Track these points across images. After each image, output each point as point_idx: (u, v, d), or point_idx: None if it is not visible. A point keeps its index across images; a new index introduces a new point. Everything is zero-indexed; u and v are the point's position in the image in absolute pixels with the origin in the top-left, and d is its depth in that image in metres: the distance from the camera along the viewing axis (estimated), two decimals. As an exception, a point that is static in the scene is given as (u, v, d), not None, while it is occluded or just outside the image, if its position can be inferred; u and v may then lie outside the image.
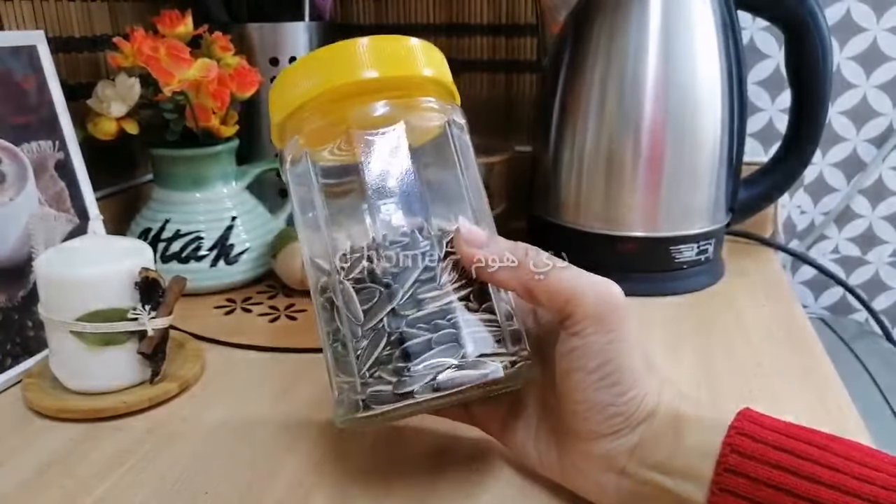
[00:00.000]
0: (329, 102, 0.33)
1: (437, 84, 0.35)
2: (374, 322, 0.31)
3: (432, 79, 0.35)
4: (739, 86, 0.59)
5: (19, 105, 0.51)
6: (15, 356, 0.47)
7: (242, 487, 0.36)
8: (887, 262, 0.81)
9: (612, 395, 0.30)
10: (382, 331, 0.31)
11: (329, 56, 0.33)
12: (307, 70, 0.34)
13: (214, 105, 0.57)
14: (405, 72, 0.34)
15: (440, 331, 0.30)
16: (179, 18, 0.59)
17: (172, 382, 0.45)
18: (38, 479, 0.37)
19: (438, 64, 0.35)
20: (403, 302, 0.31)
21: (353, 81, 0.33)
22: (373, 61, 0.33)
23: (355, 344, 0.31)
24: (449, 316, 0.31)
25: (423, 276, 0.31)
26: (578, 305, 0.30)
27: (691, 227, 0.59)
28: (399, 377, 0.30)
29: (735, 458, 0.27)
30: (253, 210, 0.63)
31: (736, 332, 0.53)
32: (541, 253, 0.31)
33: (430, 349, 0.30)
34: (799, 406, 0.43)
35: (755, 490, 0.26)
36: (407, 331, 0.30)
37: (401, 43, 0.34)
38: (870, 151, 0.78)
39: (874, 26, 0.73)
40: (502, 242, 0.32)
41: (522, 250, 0.31)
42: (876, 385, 0.64)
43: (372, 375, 0.31)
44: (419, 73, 0.34)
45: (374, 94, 0.33)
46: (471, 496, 0.35)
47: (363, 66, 0.33)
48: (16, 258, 0.48)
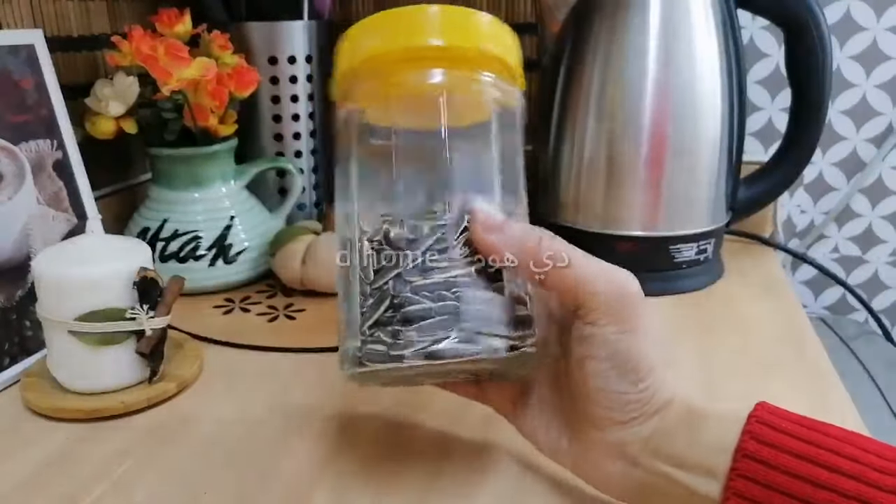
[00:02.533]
0: (386, 63, 0.34)
1: (498, 62, 0.35)
2: (381, 283, 0.31)
3: (494, 56, 0.34)
4: (739, 85, 0.59)
5: (17, 104, 0.50)
6: (13, 356, 0.47)
7: (241, 487, 0.36)
8: (887, 262, 0.81)
9: (626, 384, 0.30)
10: (386, 293, 0.31)
11: (395, 18, 0.33)
12: (371, 29, 0.34)
13: (213, 104, 0.57)
14: (465, 43, 0.33)
15: (442, 301, 0.31)
16: (178, 17, 0.59)
17: (171, 382, 0.44)
18: (36, 479, 0.37)
19: (504, 42, 0.35)
20: (410, 268, 0.31)
21: (411, 47, 0.33)
22: (436, 29, 0.33)
23: (362, 302, 0.32)
24: (455, 289, 0.31)
25: (435, 246, 0.31)
26: (591, 297, 0.30)
27: (691, 227, 0.59)
28: (394, 340, 0.30)
29: (754, 444, 0.27)
30: (251, 209, 0.63)
31: (735, 331, 0.53)
32: (556, 240, 0.31)
33: (429, 318, 0.30)
34: (799, 406, 0.43)
35: (774, 477, 0.26)
36: (409, 296, 0.31)
37: (470, 15, 0.34)
38: (870, 151, 0.77)
39: (874, 25, 0.73)
40: (516, 228, 0.31)
41: (536, 238, 0.31)
42: (875, 385, 0.64)
43: (372, 335, 0.31)
44: (479, 46, 0.34)
45: (431, 61, 0.33)
46: (470, 496, 0.35)
47: (423, 32, 0.33)
48: (14, 258, 0.48)
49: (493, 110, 0.34)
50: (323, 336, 0.52)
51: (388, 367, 0.31)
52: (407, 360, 0.30)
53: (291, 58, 0.67)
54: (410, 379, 0.34)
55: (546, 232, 0.31)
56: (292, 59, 0.67)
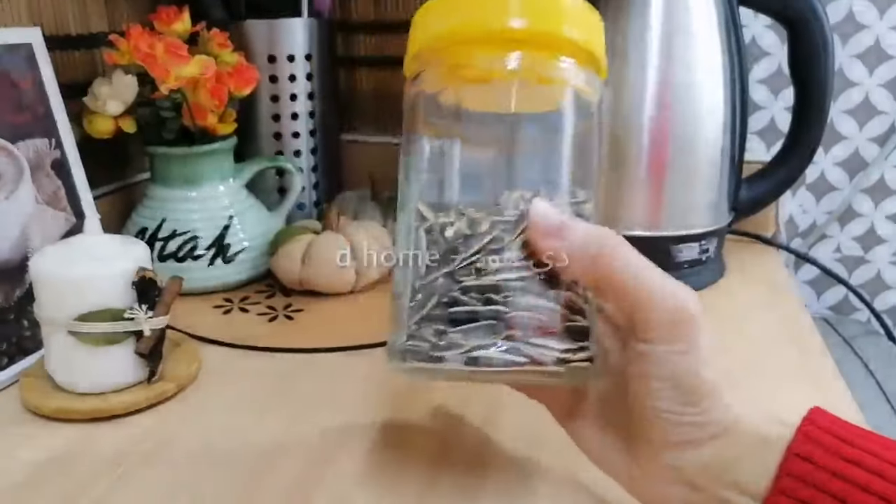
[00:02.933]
0: (461, 43, 0.32)
1: (581, 48, 0.32)
2: (431, 279, 0.30)
3: (577, 41, 0.32)
4: (741, 84, 0.59)
5: (15, 103, 0.50)
6: (11, 356, 0.47)
7: (240, 488, 0.36)
8: (890, 262, 0.81)
9: (682, 406, 0.28)
10: (435, 290, 0.30)
11: None
12: (449, 6, 0.32)
13: (212, 103, 0.57)
14: (547, 26, 0.31)
15: (491, 305, 0.29)
16: (176, 15, 0.59)
17: (169, 382, 0.44)
18: (35, 479, 0.37)
19: (589, 26, 0.32)
20: (462, 267, 0.30)
21: (489, 29, 0.31)
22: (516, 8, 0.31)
23: (412, 294, 0.31)
24: (505, 293, 0.29)
25: (491, 245, 0.30)
26: (650, 314, 0.28)
27: (693, 227, 0.59)
28: (438, 340, 0.29)
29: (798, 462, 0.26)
30: (251, 209, 0.62)
31: (737, 331, 0.53)
32: (620, 247, 0.29)
33: (474, 321, 0.29)
34: (800, 406, 0.43)
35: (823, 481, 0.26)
36: (457, 296, 0.30)
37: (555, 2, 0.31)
38: (872, 150, 0.77)
39: (877, 24, 0.73)
40: (577, 233, 0.29)
41: (597, 245, 0.29)
42: (878, 385, 0.64)
43: (417, 331, 0.30)
44: (562, 30, 0.31)
45: (509, 43, 0.31)
46: (470, 496, 0.35)
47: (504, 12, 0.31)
48: (12, 257, 0.48)
49: (569, 99, 0.32)
50: (322, 336, 0.52)
51: (429, 367, 0.30)
52: (448, 363, 0.29)
53: (291, 56, 0.67)
54: (458, 376, 0.32)
55: (611, 236, 0.29)
56: (291, 58, 0.67)
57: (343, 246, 0.57)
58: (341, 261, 0.56)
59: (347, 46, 0.80)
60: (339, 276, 0.58)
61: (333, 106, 0.73)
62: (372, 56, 0.80)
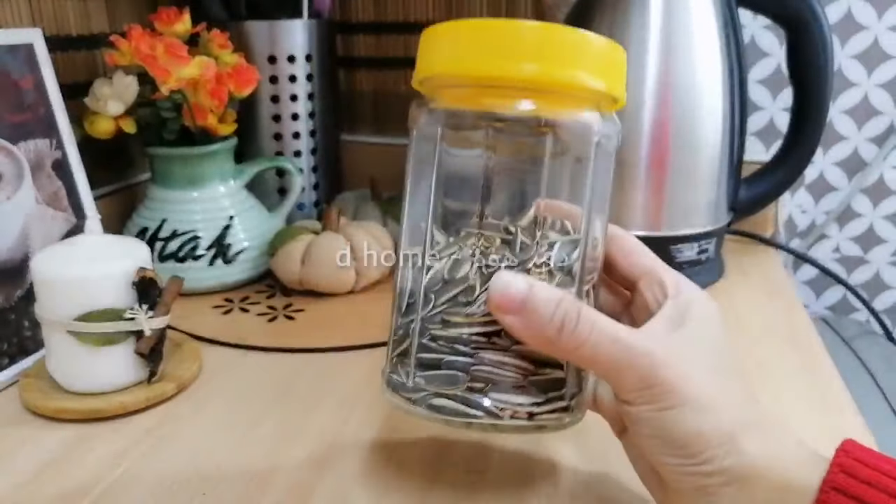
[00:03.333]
0: (472, 80, 0.30)
1: (603, 95, 0.31)
2: (408, 319, 0.31)
3: (600, 90, 0.30)
4: (740, 84, 0.59)
5: (16, 104, 0.50)
6: (12, 356, 0.47)
7: (240, 488, 0.36)
8: (888, 262, 0.81)
9: (679, 458, 0.28)
10: (410, 331, 0.31)
11: (489, 32, 0.30)
12: (464, 38, 0.30)
13: (212, 103, 0.57)
14: (566, 76, 0.29)
15: (457, 356, 0.30)
16: (177, 16, 0.59)
17: (170, 383, 0.44)
18: (35, 479, 0.37)
19: (614, 71, 0.31)
20: (431, 315, 0.31)
21: (498, 76, 0.29)
22: (531, 52, 0.29)
23: (394, 328, 0.32)
24: (473, 345, 0.30)
25: (461, 298, 0.30)
26: (621, 381, 0.28)
27: (692, 227, 0.59)
28: (408, 379, 0.31)
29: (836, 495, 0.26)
30: (251, 209, 0.62)
31: (737, 331, 0.53)
32: (584, 313, 0.27)
33: (438, 368, 0.30)
34: (800, 406, 0.43)
35: None
36: (425, 343, 0.31)
37: (577, 37, 0.29)
38: (871, 150, 0.77)
39: (875, 24, 0.73)
40: (539, 306, 0.27)
41: (558, 322, 0.27)
42: (877, 385, 0.64)
43: (396, 364, 0.32)
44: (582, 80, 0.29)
45: (521, 91, 0.29)
46: (469, 496, 0.35)
47: (516, 56, 0.29)
48: (12, 257, 0.48)
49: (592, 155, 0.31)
50: (322, 336, 0.52)
51: (403, 406, 0.31)
52: (415, 406, 0.30)
53: (291, 57, 0.67)
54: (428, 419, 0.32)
55: (573, 302, 0.28)
56: (292, 58, 0.67)
57: (343, 246, 0.57)
58: (341, 261, 0.57)
59: (347, 47, 0.80)
60: (339, 277, 0.58)
61: (333, 106, 0.73)
62: (372, 56, 0.80)
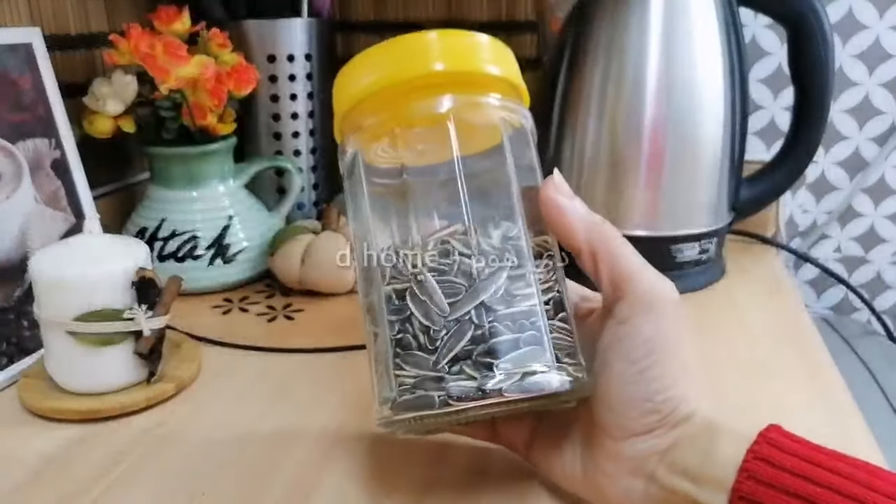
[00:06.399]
0: (389, 97, 0.32)
1: (504, 83, 0.34)
2: (460, 314, 0.29)
3: (499, 77, 0.33)
4: (741, 83, 0.59)
5: (15, 103, 0.50)
6: (10, 356, 0.47)
7: (240, 488, 0.36)
8: (890, 262, 0.81)
9: (650, 392, 0.29)
10: (468, 324, 0.29)
11: (393, 49, 0.32)
12: (368, 64, 0.33)
13: (211, 103, 0.57)
14: (470, 67, 0.32)
15: (525, 332, 0.30)
16: (176, 15, 0.59)
17: (169, 383, 0.44)
18: (34, 480, 0.37)
19: (507, 62, 0.34)
20: (495, 296, 0.30)
21: (415, 76, 0.32)
22: (437, 54, 0.32)
23: (434, 335, 0.30)
24: (533, 318, 0.30)
25: (513, 273, 0.30)
26: (635, 287, 0.30)
27: (693, 227, 0.59)
28: (484, 373, 0.29)
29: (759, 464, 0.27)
30: (250, 209, 0.62)
31: (737, 331, 0.53)
32: (614, 229, 0.33)
33: (517, 349, 0.29)
34: (801, 406, 0.43)
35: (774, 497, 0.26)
36: (496, 326, 0.29)
37: (468, 38, 0.33)
38: (872, 150, 0.77)
39: (877, 24, 0.73)
40: (582, 205, 0.33)
41: (600, 217, 0.33)
42: (878, 385, 0.64)
43: (451, 370, 0.29)
44: (484, 69, 0.33)
45: (436, 88, 0.32)
46: (470, 496, 0.35)
47: (425, 59, 0.32)
48: (11, 257, 0.48)
49: (504, 132, 0.33)
50: (322, 336, 0.52)
51: (480, 405, 0.29)
52: (507, 393, 0.28)
53: (290, 56, 0.67)
54: (452, 423, 0.33)
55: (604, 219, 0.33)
56: (291, 58, 0.67)
57: (343, 246, 0.57)
58: (341, 261, 0.57)
59: (347, 46, 0.80)
60: (338, 276, 0.58)
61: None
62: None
